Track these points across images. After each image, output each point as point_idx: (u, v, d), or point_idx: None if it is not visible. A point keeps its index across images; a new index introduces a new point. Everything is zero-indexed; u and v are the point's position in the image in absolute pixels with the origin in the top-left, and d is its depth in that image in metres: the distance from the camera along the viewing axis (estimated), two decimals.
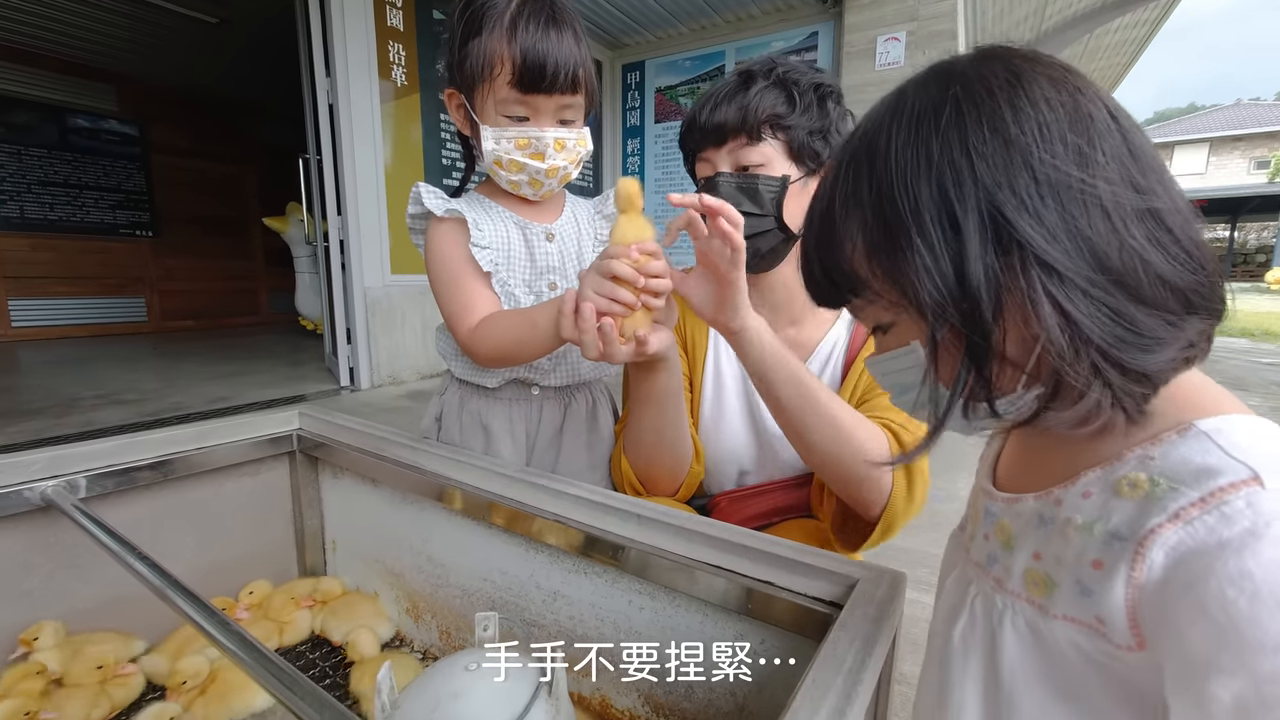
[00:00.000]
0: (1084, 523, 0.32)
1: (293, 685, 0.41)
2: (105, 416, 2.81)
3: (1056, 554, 0.33)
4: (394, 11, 3.51)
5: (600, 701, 0.68)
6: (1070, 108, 0.31)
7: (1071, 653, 0.33)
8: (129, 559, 0.56)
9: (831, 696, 0.32)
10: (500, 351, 0.70)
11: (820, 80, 0.76)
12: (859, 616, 0.41)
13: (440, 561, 0.82)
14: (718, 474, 0.88)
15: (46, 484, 0.72)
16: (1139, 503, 0.30)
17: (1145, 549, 0.29)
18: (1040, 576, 0.34)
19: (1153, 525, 0.29)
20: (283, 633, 0.87)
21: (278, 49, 4.81)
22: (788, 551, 0.51)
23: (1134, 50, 8.76)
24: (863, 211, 0.35)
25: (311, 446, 0.95)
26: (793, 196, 0.76)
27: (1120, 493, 0.31)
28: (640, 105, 5.38)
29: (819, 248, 0.39)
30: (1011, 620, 0.36)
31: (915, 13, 4.00)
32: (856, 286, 0.37)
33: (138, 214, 6.30)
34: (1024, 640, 0.35)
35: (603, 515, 0.62)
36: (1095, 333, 0.29)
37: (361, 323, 3.52)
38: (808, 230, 0.40)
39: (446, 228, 0.76)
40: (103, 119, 5.98)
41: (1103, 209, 0.30)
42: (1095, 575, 0.31)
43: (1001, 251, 0.31)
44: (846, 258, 0.37)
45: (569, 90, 0.71)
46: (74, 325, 5.86)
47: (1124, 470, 0.32)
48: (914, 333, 0.36)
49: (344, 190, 3.37)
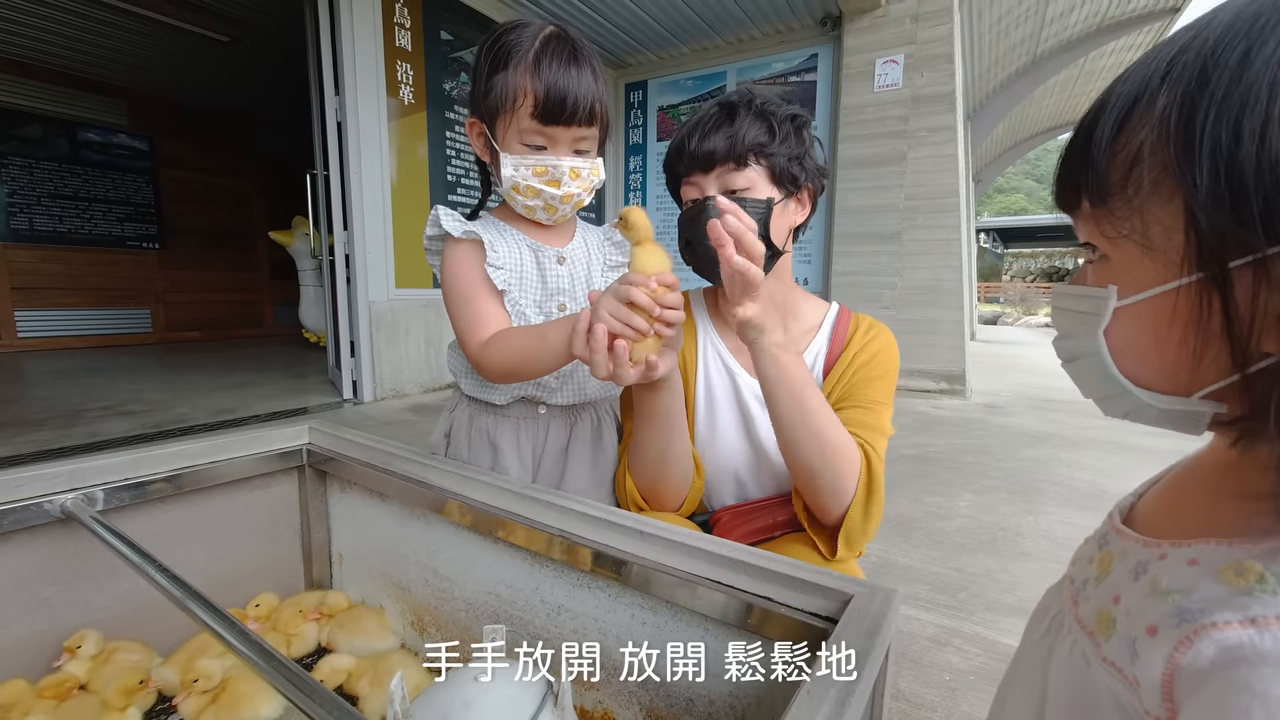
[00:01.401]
0: (1166, 587, 0.29)
1: (309, 690, 0.43)
2: (111, 428, 2.83)
3: (1130, 605, 0.32)
4: (403, 32, 3.59)
5: (603, 714, 0.69)
6: None
7: (1107, 698, 0.32)
8: (149, 570, 0.58)
9: (826, 707, 0.34)
10: (509, 365, 0.73)
11: (793, 112, 0.82)
12: (853, 631, 0.43)
13: (446, 575, 0.83)
14: (716, 485, 0.91)
15: (66, 497, 0.74)
16: (1230, 591, 0.27)
17: (1199, 636, 0.26)
18: (1109, 619, 0.33)
19: (1222, 619, 0.26)
20: (290, 645, 0.88)
21: (287, 67, 4.90)
22: (785, 568, 0.53)
23: None
24: (1222, 94, 0.26)
25: (321, 461, 0.97)
26: (776, 217, 0.82)
27: (1221, 576, 0.27)
28: (643, 124, 5.47)
29: (1114, 127, 0.30)
30: (1070, 644, 0.35)
31: (913, 36, 4.08)
32: (1111, 189, 0.30)
33: (146, 226, 6.38)
34: (1073, 667, 0.35)
35: (607, 531, 0.63)
36: None
37: (365, 336, 3.56)
38: (1107, 109, 0.31)
39: (464, 248, 0.80)
40: (113, 133, 6.09)
41: None
42: (1146, 640, 0.29)
43: None
44: (1133, 142, 0.29)
45: (586, 123, 0.75)
46: (78, 336, 5.90)
47: (1244, 555, 0.27)
48: (1119, 276, 0.31)
49: (351, 205, 3.42)
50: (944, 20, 3.98)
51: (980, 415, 3.67)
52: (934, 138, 4.08)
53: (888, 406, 0.83)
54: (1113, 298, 0.31)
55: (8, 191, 5.42)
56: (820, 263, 4.71)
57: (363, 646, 0.89)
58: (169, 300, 6.59)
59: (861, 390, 0.82)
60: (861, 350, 0.85)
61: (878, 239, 4.32)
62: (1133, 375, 0.32)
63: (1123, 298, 0.31)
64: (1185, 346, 0.29)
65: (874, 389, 0.83)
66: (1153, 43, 5.71)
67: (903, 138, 4.16)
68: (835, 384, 0.84)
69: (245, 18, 4.66)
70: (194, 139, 6.67)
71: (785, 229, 0.84)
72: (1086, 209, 0.33)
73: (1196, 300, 0.28)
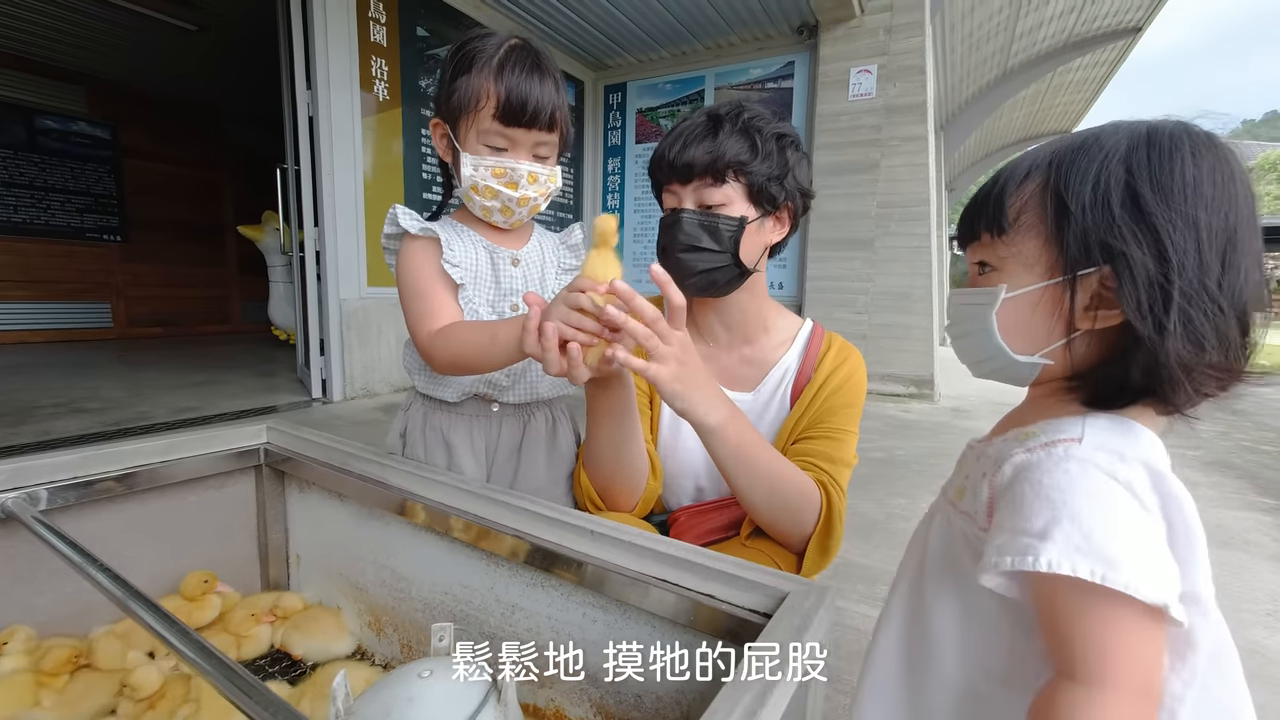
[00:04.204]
0: (990, 454, 0.49)
1: (251, 692, 0.43)
2: (65, 426, 2.74)
3: (970, 473, 0.52)
4: (377, 27, 3.55)
5: (555, 711, 0.70)
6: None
7: (960, 539, 0.50)
8: (89, 569, 0.57)
9: (747, 698, 0.36)
10: (457, 358, 0.73)
11: (781, 131, 0.82)
12: (783, 626, 0.44)
13: (403, 575, 0.83)
14: (676, 489, 0.92)
15: (7, 496, 0.72)
16: (1019, 442, 0.46)
17: (1003, 464, 0.46)
18: (963, 489, 0.52)
19: (1015, 451, 0.46)
20: (240, 646, 0.87)
21: (258, 58, 4.81)
22: (728, 566, 0.54)
23: (1095, 87, 9.22)
24: (1073, 177, 0.44)
25: (279, 460, 0.96)
26: (749, 235, 0.82)
27: (1016, 438, 0.47)
28: (621, 125, 5.48)
29: (1012, 191, 0.48)
30: (939, 519, 0.54)
31: (886, 48, 4.17)
32: (1007, 227, 0.48)
33: (106, 218, 6.18)
34: (941, 533, 0.53)
35: (559, 531, 0.64)
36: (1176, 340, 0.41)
37: (336, 334, 3.50)
38: (1006, 179, 0.49)
39: (421, 244, 0.81)
40: (72, 120, 5.88)
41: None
42: (979, 483, 0.49)
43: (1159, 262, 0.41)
44: (1022, 200, 0.47)
45: (546, 128, 0.77)
46: (33, 330, 5.69)
47: (1030, 427, 0.47)
48: (1004, 281, 0.48)
49: (322, 202, 3.36)
50: (916, 33, 4.08)
51: (947, 419, 3.76)
52: (906, 147, 4.18)
53: (853, 435, 0.84)
54: (1003, 292, 0.48)
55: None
56: (795, 268, 4.78)
57: (318, 648, 0.88)
58: (131, 294, 6.39)
59: (829, 419, 0.83)
60: (832, 375, 0.85)
61: (851, 245, 4.40)
62: (1008, 343, 0.49)
63: (1009, 294, 0.48)
64: (1041, 323, 0.47)
65: (841, 418, 0.83)
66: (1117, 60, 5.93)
67: (876, 146, 4.25)
68: (804, 410, 0.85)
69: (213, 6, 4.55)
70: (159, 129, 6.48)
71: (760, 247, 0.84)
72: (986, 239, 0.50)
73: (1053, 296, 0.46)
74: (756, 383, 0.90)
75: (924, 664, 0.52)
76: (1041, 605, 0.41)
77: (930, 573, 0.53)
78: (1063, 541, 0.38)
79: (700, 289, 0.85)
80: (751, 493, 0.73)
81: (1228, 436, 3.51)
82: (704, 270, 0.82)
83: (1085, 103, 9.95)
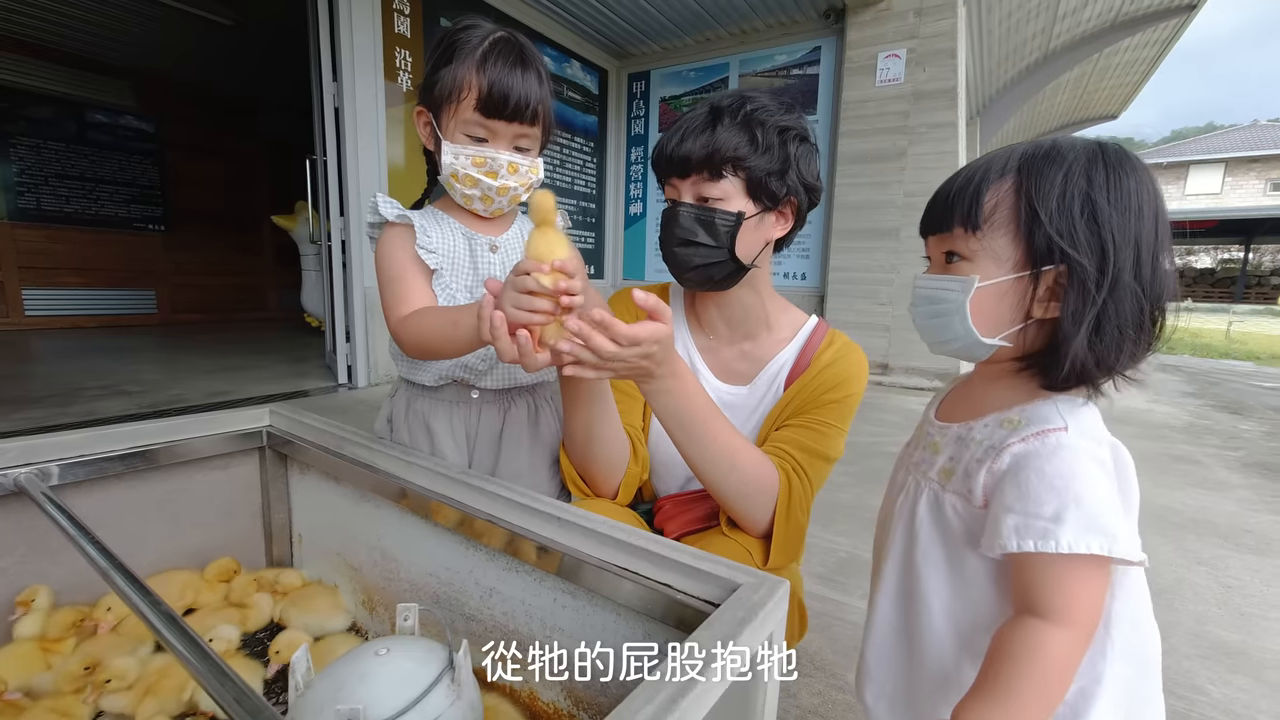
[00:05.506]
0: (979, 439, 0.56)
1: (223, 681, 0.42)
2: (108, 407, 2.89)
3: (958, 456, 0.58)
4: (401, 19, 3.59)
5: (529, 695, 0.71)
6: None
7: (952, 514, 0.57)
8: (85, 546, 0.60)
9: (667, 691, 0.36)
10: (423, 343, 0.74)
11: (785, 124, 0.79)
12: (727, 618, 0.44)
13: (393, 557, 0.86)
14: (666, 476, 0.92)
15: (20, 471, 0.77)
16: (1008, 431, 0.53)
17: (1002, 452, 0.53)
18: (948, 470, 0.58)
19: (1011, 441, 0.52)
20: (246, 620, 0.91)
21: (291, 51, 4.91)
22: (687, 557, 0.54)
23: (1145, 69, 8.75)
24: (1043, 184, 0.51)
25: (280, 443, 1.00)
26: (746, 230, 0.80)
27: (1004, 425, 0.54)
28: (645, 114, 5.44)
29: (988, 188, 0.53)
30: (926, 496, 0.60)
31: (916, 30, 4.04)
32: (981, 222, 0.53)
33: (151, 208, 6.44)
34: (930, 508, 0.60)
35: (530, 518, 0.65)
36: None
37: (360, 322, 3.59)
38: (981, 176, 0.54)
39: (396, 231, 0.82)
40: (120, 115, 6.13)
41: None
42: (975, 466, 0.55)
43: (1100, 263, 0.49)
44: (995, 201, 0.53)
45: (528, 121, 0.77)
46: (85, 315, 5.98)
47: (1010, 415, 0.55)
48: (975, 272, 0.54)
49: (347, 191, 3.44)
50: (947, 15, 3.94)
51: None
52: (935, 134, 4.05)
53: (840, 431, 0.81)
54: (976, 281, 0.54)
55: (16, 171, 5.49)
56: (818, 258, 4.69)
57: (315, 624, 0.91)
58: (173, 282, 6.66)
59: (814, 410, 0.81)
60: (826, 368, 0.83)
61: (876, 235, 4.30)
62: (977, 326, 0.54)
63: (981, 284, 0.54)
64: (1005, 311, 0.54)
65: (828, 411, 0.81)
66: (1169, 39, 5.61)
67: (903, 133, 4.13)
68: (791, 399, 0.84)
69: (247, 2, 4.67)
70: (199, 122, 6.71)
71: (759, 243, 0.82)
72: (959, 233, 0.55)
73: (1017, 287, 0.53)
74: (752, 378, 0.89)
75: (917, 620, 0.60)
76: (1024, 563, 0.49)
77: (921, 543, 0.60)
78: (1074, 524, 0.46)
79: (698, 283, 0.84)
80: (708, 473, 0.74)
81: (1273, 436, 3.33)
82: (700, 265, 0.81)
83: (1134, 85, 9.45)
